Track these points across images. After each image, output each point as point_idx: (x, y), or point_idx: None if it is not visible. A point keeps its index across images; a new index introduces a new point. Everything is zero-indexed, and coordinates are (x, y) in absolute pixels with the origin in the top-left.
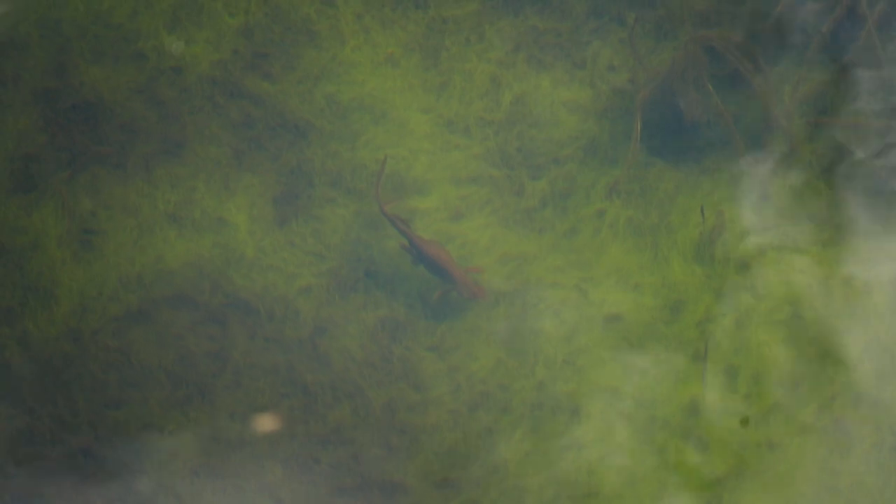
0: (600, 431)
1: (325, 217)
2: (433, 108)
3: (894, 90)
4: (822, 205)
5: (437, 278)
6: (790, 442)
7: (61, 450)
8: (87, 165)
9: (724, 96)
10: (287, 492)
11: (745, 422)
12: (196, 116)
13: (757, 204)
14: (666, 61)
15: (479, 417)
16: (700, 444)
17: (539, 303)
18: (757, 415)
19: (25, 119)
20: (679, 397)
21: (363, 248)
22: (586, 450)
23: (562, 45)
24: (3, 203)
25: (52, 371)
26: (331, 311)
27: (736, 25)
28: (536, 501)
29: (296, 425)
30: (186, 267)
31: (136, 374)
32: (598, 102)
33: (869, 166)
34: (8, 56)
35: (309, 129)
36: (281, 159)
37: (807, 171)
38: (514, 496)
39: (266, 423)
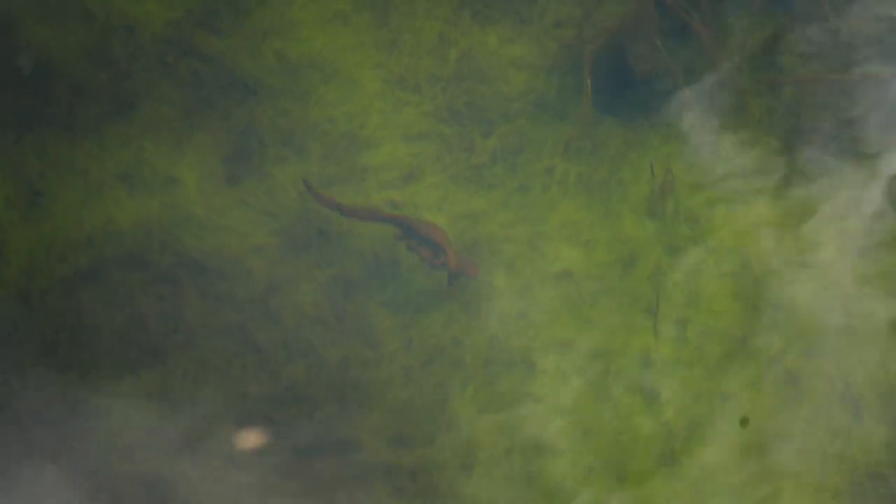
0: (554, 385)
1: (277, 175)
2: (384, 65)
3: (841, 43)
4: (771, 158)
5: (427, 254)
6: (742, 393)
7: (9, 413)
8: (35, 125)
9: (673, 51)
10: (240, 451)
11: (744, 422)
12: (146, 76)
13: (706, 158)
14: (614, 16)
15: (432, 373)
16: (652, 396)
17: (491, 258)
18: (709, 366)
19: None
20: (631, 350)
21: (316, 207)
22: (540, 403)
23: (507, 1)
24: None
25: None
26: (283, 270)
27: None
28: (490, 456)
29: (249, 385)
30: (136, 227)
31: (87, 335)
32: (545, 59)
33: (819, 121)
34: None
35: (259, 87)
36: (231, 118)
37: (756, 125)
38: (467, 451)
39: (250, 438)
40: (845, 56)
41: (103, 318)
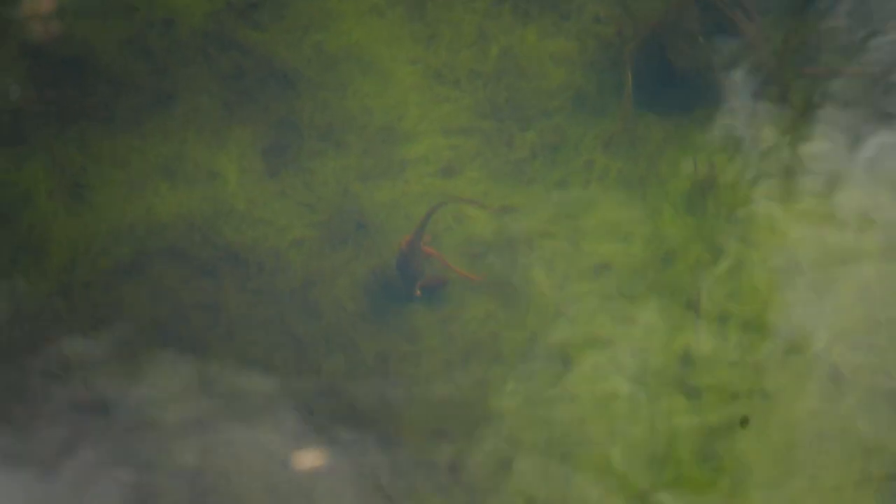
0: (593, 381)
1: (316, 168)
2: (421, 60)
3: (887, 38)
4: (814, 153)
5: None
6: (783, 389)
7: (53, 405)
8: (76, 119)
9: (714, 46)
10: (279, 444)
11: (744, 422)
12: (186, 68)
13: (748, 153)
14: (655, 11)
15: (471, 368)
16: (693, 393)
17: (530, 254)
18: (750, 363)
19: (13, 72)
20: (672, 346)
21: (354, 200)
22: (579, 400)
23: None
24: None
25: (42, 325)
26: (322, 263)
27: None
28: (529, 451)
29: (289, 377)
30: (177, 220)
31: (128, 328)
32: (584, 54)
33: (863, 116)
34: None
35: (298, 79)
36: (270, 110)
37: (799, 120)
38: (506, 447)
39: (308, 459)
40: (891, 50)
41: (144, 311)
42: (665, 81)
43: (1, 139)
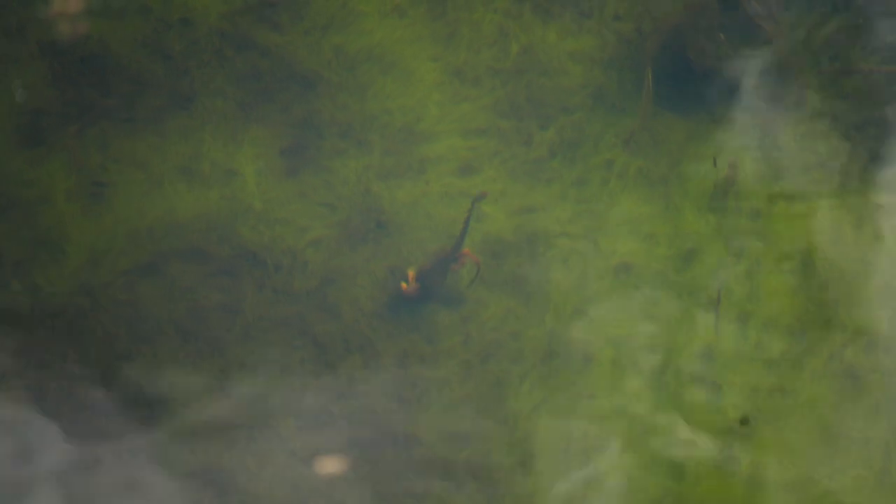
0: (612, 380)
1: (335, 168)
2: (441, 58)
3: None
4: (834, 152)
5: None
6: (802, 389)
7: (73, 404)
8: (95, 119)
9: (735, 44)
10: (300, 444)
11: (745, 421)
12: (204, 69)
13: (768, 152)
14: (675, 9)
15: (490, 368)
16: (712, 392)
17: (548, 253)
18: (770, 362)
19: (33, 72)
20: (691, 345)
21: (374, 199)
22: (598, 399)
23: None
24: (11, 157)
25: (62, 325)
26: (341, 263)
27: None
28: (548, 452)
29: (307, 377)
30: (196, 220)
31: (147, 327)
32: (604, 52)
33: (882, 114)
34: (13, 8)
35: (317, 80)
36: (289, 111)
37: (819, 118)
38: (525, 447)
39: (330, 465)
40: None
41: (163, 310)
42: (685, 79)
43: (20, 139)
